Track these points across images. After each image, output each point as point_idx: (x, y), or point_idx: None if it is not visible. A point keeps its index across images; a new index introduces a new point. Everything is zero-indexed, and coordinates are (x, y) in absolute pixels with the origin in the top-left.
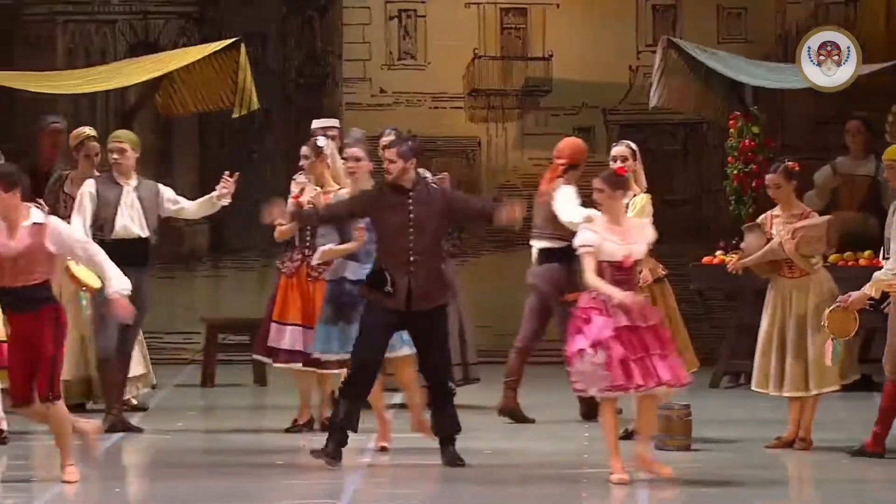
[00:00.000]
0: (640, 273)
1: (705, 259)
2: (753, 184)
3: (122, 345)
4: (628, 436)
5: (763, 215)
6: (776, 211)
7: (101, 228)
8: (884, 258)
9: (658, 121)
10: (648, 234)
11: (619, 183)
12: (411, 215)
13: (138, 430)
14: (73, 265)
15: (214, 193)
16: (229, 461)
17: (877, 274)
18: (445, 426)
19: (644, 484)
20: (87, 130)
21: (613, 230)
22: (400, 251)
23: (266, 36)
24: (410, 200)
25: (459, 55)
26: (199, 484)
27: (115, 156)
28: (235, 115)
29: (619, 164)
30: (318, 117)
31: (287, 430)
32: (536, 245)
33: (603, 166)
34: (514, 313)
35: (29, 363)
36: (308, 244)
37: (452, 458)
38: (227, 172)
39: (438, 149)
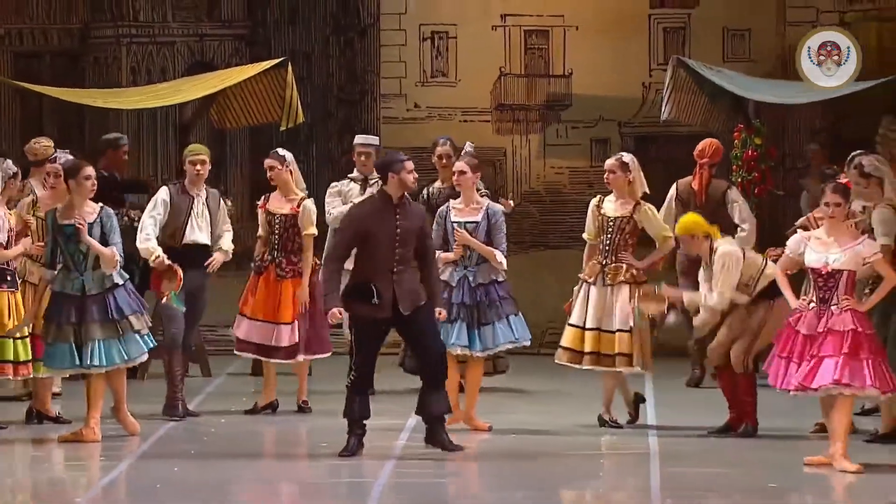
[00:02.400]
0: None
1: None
2: (756, 190)
3: (184, 339)
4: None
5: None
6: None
7: (172, 236)
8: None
9: (669, 133)
10: (866, 251)
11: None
12: (398, 228)
13: (195, 414)
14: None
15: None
16: (278, 444)
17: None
18: (437, 407)
19: (654, 457)
20: (50, 146)
21: (821, 240)
22: (385, 261)
23: (311, 55)
24: (398, 213)
25: (487, 73)
26: (251, 465)
27: (198, 168)
28: (283, 128)
29: (608, 175)
30: (358, 130)
31: (246, 412)
32: None
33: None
34: (538, 308)
35: None
36: (277, 247)
37: (445, 443)
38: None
39: None
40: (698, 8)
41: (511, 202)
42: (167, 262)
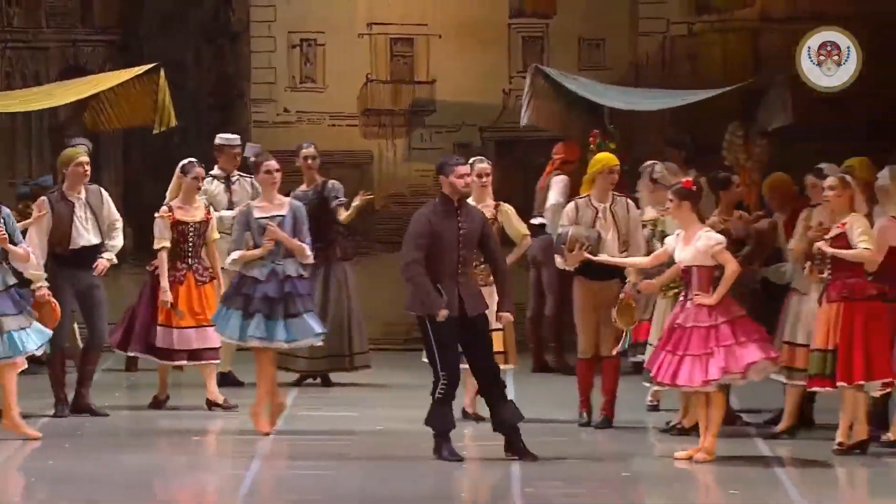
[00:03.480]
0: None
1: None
2: None
3: (92, 338)
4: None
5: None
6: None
7: (59, 243)
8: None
9: (528, 137)
10: (706, 244)
11: (685, 194)
12: (461, 230)
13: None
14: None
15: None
16: (151, 437)
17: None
18: (507, 418)
19: (515, 460)
20: None
21: (680, 237)
22: (450, 263)
23: (183, 61)
24: (459, 215)
25: (354, 79)
26: (123, 458)
27: (85, 168)
28: (156, 131)
29: (484, 179)
30: (230, 134)
31: (150, 406)
32: (535, 222)
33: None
34: (403, 305)
35: None
36: (190, 254)
37: (523, 453)
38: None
39: (336, 162)
40: (555, 18)
41: (367, 196)
42: (48, 297)
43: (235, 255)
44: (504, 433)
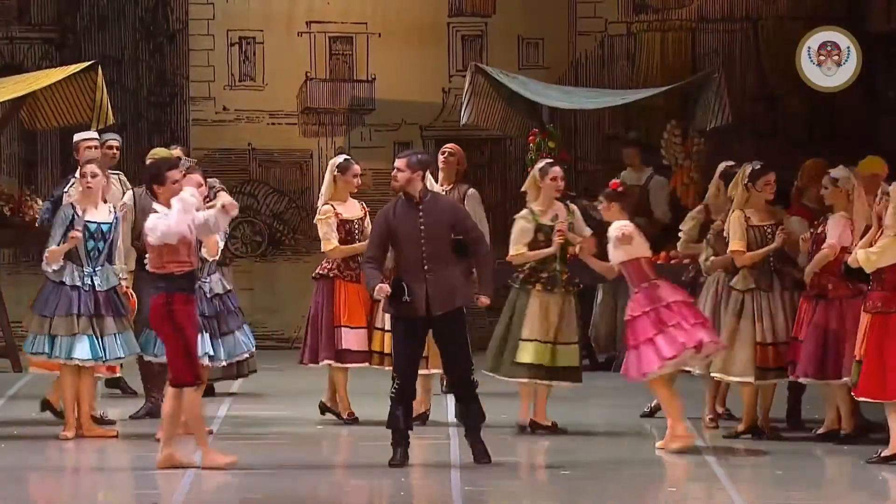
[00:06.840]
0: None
1: (508, 257)
2: None
3: None
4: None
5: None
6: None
7: (138, 237)
8: None
9: (468, 136)
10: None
11: (611, 196)
12: (422, 225)
13: None
14: None
15: None
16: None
17: None
18: (471, 417)
19: (455, 448)
20: None
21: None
22: (414, 260)
23: (121, 59)
24: (421, 211)
25: (293, 77)
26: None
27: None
28: (93, 129)
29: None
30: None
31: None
32: None
33: None
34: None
35: None
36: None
37: (480, 454)
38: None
39: (275, 160)
40: (494, 17)
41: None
42: (127, 289)
43: (49, 249)
44: (465, 429)
